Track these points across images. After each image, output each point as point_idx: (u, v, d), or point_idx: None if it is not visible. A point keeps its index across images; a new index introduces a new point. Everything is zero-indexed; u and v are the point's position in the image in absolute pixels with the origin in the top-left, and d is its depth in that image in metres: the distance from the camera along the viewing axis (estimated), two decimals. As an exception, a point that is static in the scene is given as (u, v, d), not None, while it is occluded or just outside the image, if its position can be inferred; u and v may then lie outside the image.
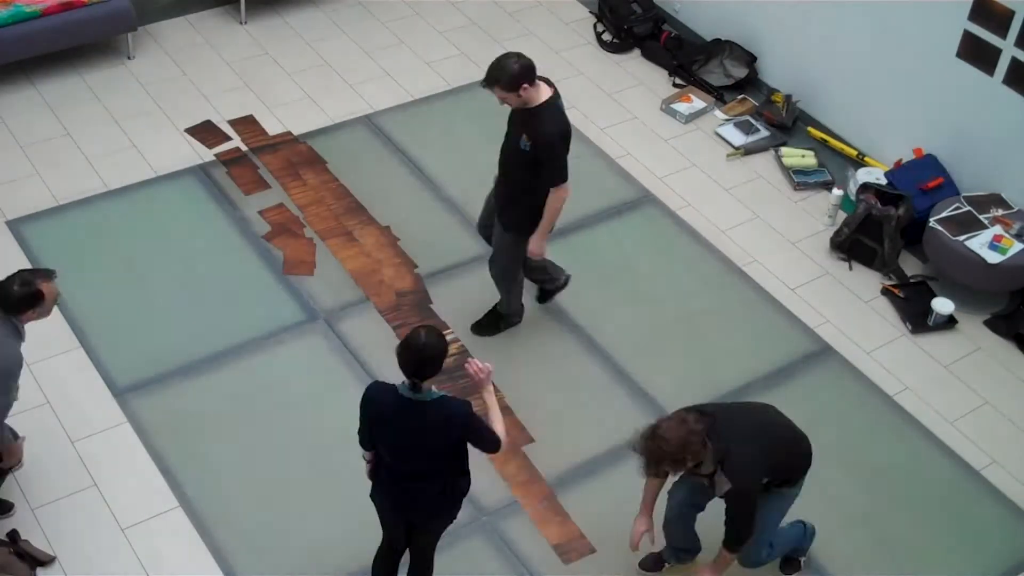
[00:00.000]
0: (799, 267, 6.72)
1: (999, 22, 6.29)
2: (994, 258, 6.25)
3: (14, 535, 4.96)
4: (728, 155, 7.44)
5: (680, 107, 7.71)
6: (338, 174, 6.98)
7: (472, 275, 6.41)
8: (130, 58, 7.70)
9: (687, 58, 8.00)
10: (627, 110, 7.73)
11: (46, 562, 4.92)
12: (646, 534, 4.77)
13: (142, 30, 7.82)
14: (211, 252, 6.42)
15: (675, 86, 7.97)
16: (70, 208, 6.60)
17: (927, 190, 6.69)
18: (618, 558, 5.13)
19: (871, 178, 6.94)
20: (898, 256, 6.72)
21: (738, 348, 6.18)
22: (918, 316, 6.42)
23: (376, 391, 4.21)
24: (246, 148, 7.11)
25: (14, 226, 6.45)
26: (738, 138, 7.53)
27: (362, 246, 6.51)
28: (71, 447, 5.40)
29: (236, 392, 5.71)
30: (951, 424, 5.92)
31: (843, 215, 6.94)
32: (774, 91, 7.75)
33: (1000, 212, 6.49)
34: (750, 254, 6.75)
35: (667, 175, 7.24)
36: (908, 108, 6.96)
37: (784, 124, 7.58)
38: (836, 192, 6.96)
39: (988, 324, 6.45)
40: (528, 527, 5.27)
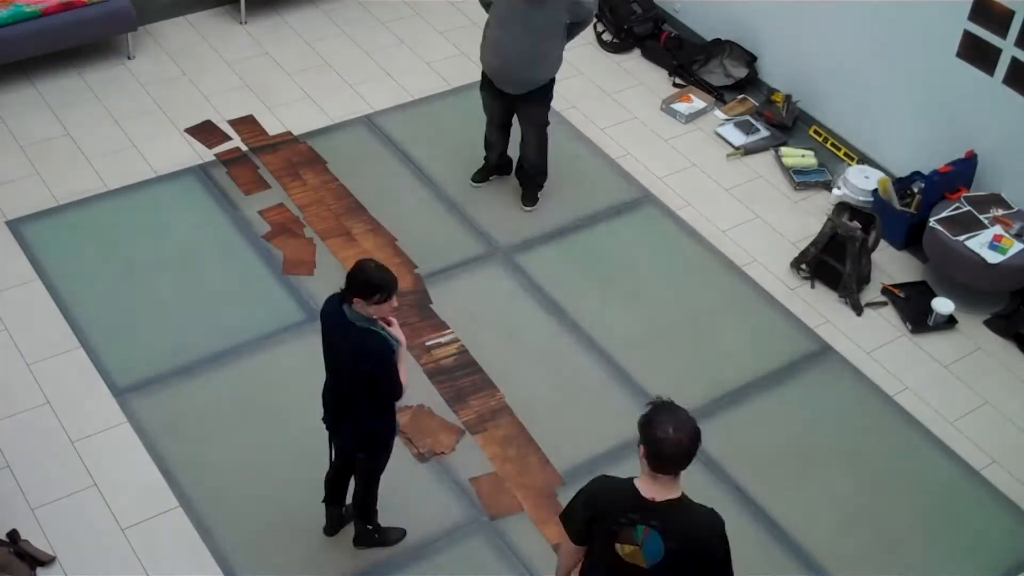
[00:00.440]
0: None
1: (999, 22, 6.29)
2: (994, 258, 6.25)
3: (14, 535, 4.96)
4: (728, 155, 7.44)
5: (680, 107, 7.71)
6: (338, 174, 6.98)
7: (472, 275, 6.41)
8: (130, 58, 7.70)
9: (687, 58, 8.00)
10: (627, 110, 7.72)
11: (46, 562, 4.92)
12: None
13: (142, 30, 7.82)
14: (211, 252, 6.42)
15: (675, 86, 7.97)
16: (70, 208, 6.59)
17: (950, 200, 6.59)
18: (618, 558, 5.13)
19: (862, 177, 6.94)
20: (864, 280, 6.49)
21: (738, 348, 6.18)
22: (918, 316, 6.42)
23: (329, 301, 4.43)
24: (246, 148, 7.11)
25: (14, 226, 6.45)
26: (738, 138, 7.52)
27: (362, 246, 6.50)
28: (71, 447, 5.39)
29: (236, 392, 5.70)
30: (951, 424, 5.91)
31: (843, 215, 6.95)
32: (774, 91, 7.75)
33: (1000, 212, 6.49)
34: (750, 254, 6.75)
35: (667, 175, 7.24)
36: (908, 108, 6.96)
37: (784, 124, 7.58)
38: (836, 192, 6.96)
39: (988, 324, 6.45)
40: (528, 527, 5.27)
